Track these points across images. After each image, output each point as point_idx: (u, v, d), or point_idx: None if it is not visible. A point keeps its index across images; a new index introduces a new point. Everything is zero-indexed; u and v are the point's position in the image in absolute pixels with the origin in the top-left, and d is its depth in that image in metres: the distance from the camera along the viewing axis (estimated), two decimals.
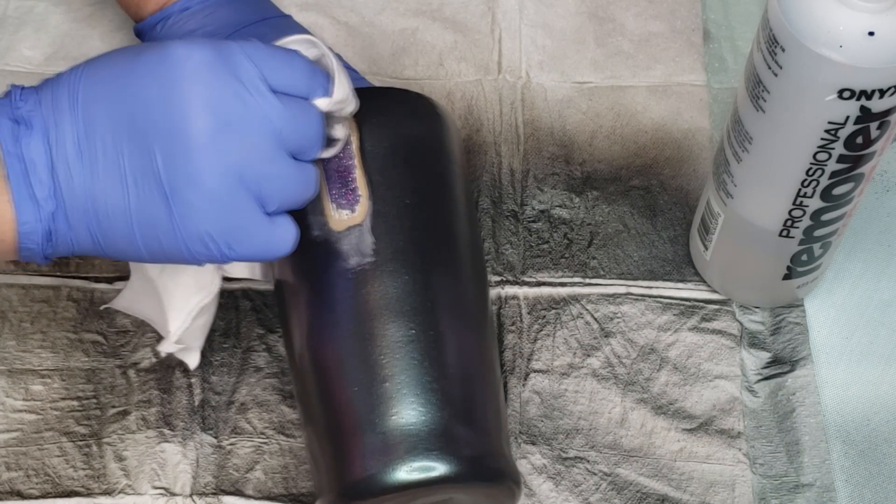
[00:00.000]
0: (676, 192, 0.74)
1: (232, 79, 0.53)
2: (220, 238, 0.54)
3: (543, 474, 0.65)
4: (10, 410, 0.66)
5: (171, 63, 0.52)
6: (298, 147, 0.55)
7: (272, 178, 0.54)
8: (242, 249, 0.54)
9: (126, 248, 0.54)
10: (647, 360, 0.68)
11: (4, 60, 0.79)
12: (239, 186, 0.53)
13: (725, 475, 0.65)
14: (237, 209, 0.53)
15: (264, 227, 0.55)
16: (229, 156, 0.52)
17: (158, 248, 0.54)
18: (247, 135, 0.53)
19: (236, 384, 0.67)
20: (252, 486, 0.64)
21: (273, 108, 0.53)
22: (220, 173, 0.52)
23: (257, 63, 0.53)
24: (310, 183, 0.56)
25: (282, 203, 0.55)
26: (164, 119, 0.52)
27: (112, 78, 0.53)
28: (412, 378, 0.57)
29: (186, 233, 0.53)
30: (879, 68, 0.55)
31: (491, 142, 0.76)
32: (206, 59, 0.52)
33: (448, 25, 0.81)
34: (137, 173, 0.52)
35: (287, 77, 0.54)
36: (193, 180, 0.52)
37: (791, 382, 0.68)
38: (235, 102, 0.52)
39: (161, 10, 0.70)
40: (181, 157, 0.52)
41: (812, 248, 0.65)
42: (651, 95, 0.78)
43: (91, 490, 0.64)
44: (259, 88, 0.53)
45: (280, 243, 0.56)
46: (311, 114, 0.55)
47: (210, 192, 0.52)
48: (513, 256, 0.72)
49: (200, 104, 0.52)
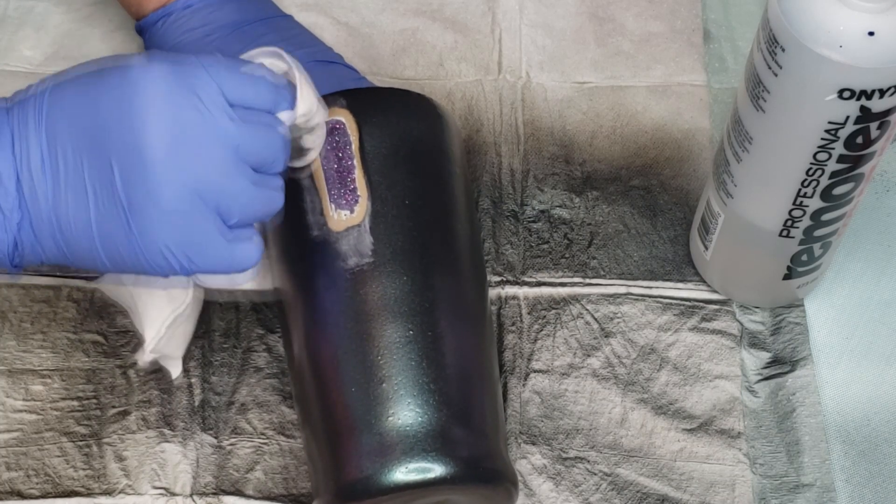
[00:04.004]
0: (676, 192, 0.74)
1: (190, 94, 0.52)
2: (179, 251, 0.54)
3: (543, 474, 0.65)
4: (11, 410, 0.66)
5: (130, 79, 0.52)
6: (259, 161, 0.55)
7: (232, 192, 0.54)
8: (203, 263, 0.54)
9: (90, 258, 0.54)
10: (648, 360, 0.68)
11: (4, 60, 0.79)
12: (197, 201, 0.53)
13: (725, 475, 0.65)
14: (195, 223, 0.53)
15: (225, 240, 0.54)
16: (186, 171, 0.52)
17: (120, 260, 0.54)
18: (204, 150, 0.53)
19: (236, 384, 0.67)
20: (252, 486, 0.64)
21: (231, 124, 0.53)
22: (177, 188, 0.52)
23: (217, 78, 0.53)
24: (274, 197, 0.56)
25: (244, 216, 0.55)
26: (122, 134, 0.52)
27: (76, 92, 0.53)
28: (410, 379, 0.57)
29: (145, 246, 0.53)
30: (879, 68, 0.55)
31: (491, 142, 0.76)
32: (164, 76, 0.52)
33: (448, 25, 0.81)
34: (97, 186, 0.53)
35: (248, 91, 0.54)
36: (150, 195, 0.52)
37: (791, 382, 0.68)
38: (193, 118, 0.52)
39: (163, 8, 0.70)
40: (138, 171, 0.52)
41: (812, 248, 0.65)
42: (651, 95, 0.78)
43: (91, 490, 0.64)
44: (217, 104, 0.53)
45: (243, 257, 0.55)
46: (272, 128, 0.55)
47: (167, 206, 0.53)
48: (513, 256, 0.72)
49: (157, 119, 0.52)
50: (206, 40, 0.69)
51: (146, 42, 0.72)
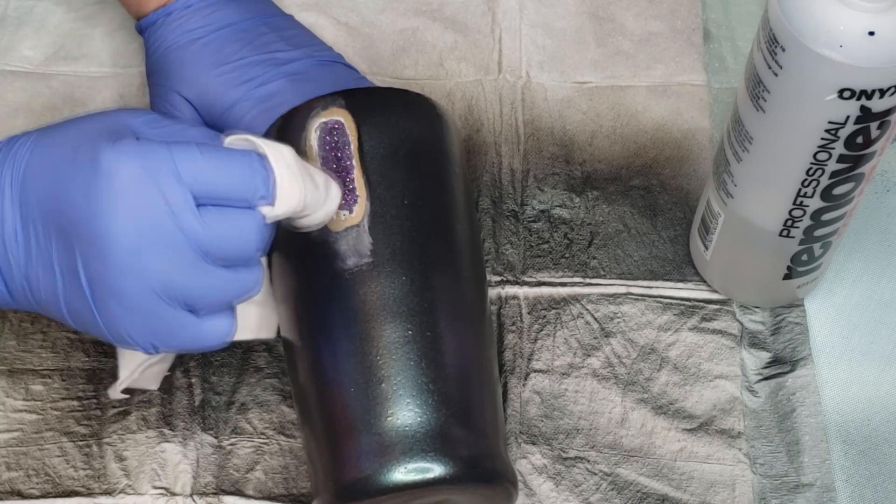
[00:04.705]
0: (677, 192, 0.74)
1: (157, 196, 0.52)
2: (144, 340, 0.54)
3: (544, 474, 0.65)
4: (11, 410, 0.66)
5: (98, 173, 0.52)
6: (230, 257, 0.54)
7: (199, 287, 0.53)
8: (168, 346, 0.55)
9: (59, 317, 0.55)
10: (648, 359, 0.68)
11: (4, 60, 0.79)
12: (159, 299, 0.53)
13: (725, 475, 0.65)
14: (159, 318, 0.53)
15: (191, 327, 0.54)
16: (149, 273, 0.52)
17: (87, 330, 0.55)
18: (168, 253, 0.52)
19: (236, 384, 0.67)
20: (252, 486, 0.64)
21: (198, 227, 0.52)
22: (139, 287, 0.52)
23: (188, 175, 0.52)
24: (248, 284, 0.55)
25: (213, 305, 0.55)
26: (86, 228, 0.52)
27: (49, 168, 0.53)
28: (409, 379, 0.57)
29: (109, 330, 0.54)
30: (879, 68, 0.55)
31: (491, 142, 0.76)
32: (133, 174, 0.52)
33: (448, 25, 0.81)
34: (64, 268, 0.53)
35: (221, 187, 0.53)
36: (111, 290, 0.52)
37: (791, 382, 0.68)
38: (157, 219, 0.52)
39: (163, 7, 0.70)
40: (101, 267, 0.52)
41: (812, 247, 0.65)
42: (651, 95, 0.78)
43: (91, 490, 0.64)
44: (184, 206, 0.52)
45: (211, 338, 0.55)
46: (244, 229, 0.54)
47: (129, 303, 0.53)
48: (513, 256, 0.72)
49: (121, 221, 0.51)
50: (206, 40, 0.69)
51: (146, 41, 0.72)
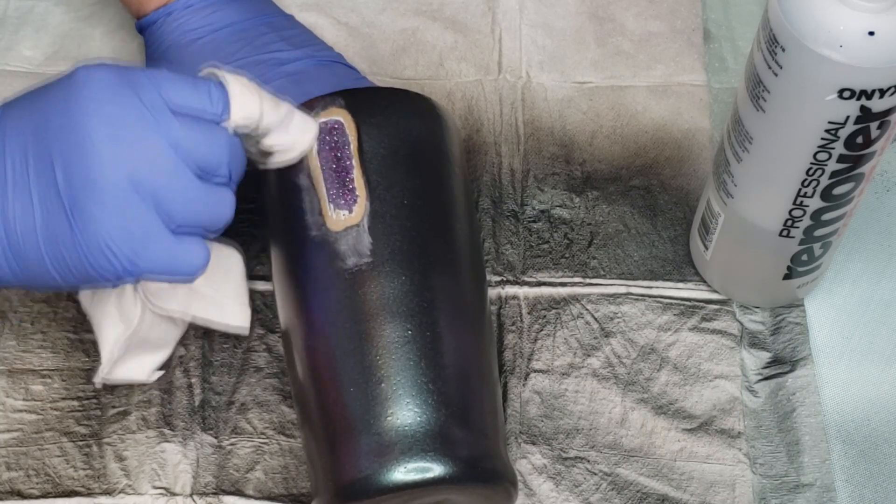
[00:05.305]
0: (677, 192, 0.74)
1: (132, 96, 0.54)
2: (120, 249, 0.54)
3: (544, 474, 0.65)
4: (11, 410, 0.66)
5: (74, 81, 0.54)
6: (202, 164, 0.55)
7: (172, 189, 0.54)
8: (145, 263, 0.55)
9: (38, 270, 0.55)
10: (648, 360, 0.68)
11: (4, 60, 0.79)
12: (135, 196, 0.54)
13: (725, 475, 0.65)
14: (136, 218, 0.54)
15: (167, 242, 0.55)
16: (126, 166, 0.53)
17: (65, 267, 0.54)
18: (143, 146, 0.54)
19: (236, 384, 0.67)
20: (252, 486, 0.64)
21: (170, 124, 0.54)
22: (117, 182, 0.53)
23: (159, 86, 0.55)
24: (222, 205, 0.57)
25: (186, 218, 0.55)
26: (65, 131, 0.53)
27: (26, 101, 0.55)
28: (409, 379, 0.57)
29: (87, 245, 0.54)
30: (879, 68, 0.55)
31: (491, 142, 0.76)
32: (107, 78, 0.54)
33: (448, 25, 0.81)
34: (41, 188, 0.53)
35: (191, 98, 0.55)
36: (90, 189, 0.53)
37: (791, 382, 0.68)
38: (133, 116, 0.54)
39: (164, 7, 0.70)
40: (79, 168, 0.53)
41: (812, 247, 0.65)
42: (651, 95, 0.78)
43: (91, 490, 0.64)
44: (158, 106, 0.54)
45: (185, 262, 0.56)
46: (213, 134, 0.56)
47: (107, 200, 0.53)
48: (513, 256, 0.72)
49: (98, 116, 0.53)
50: (206, 40, 0.69)
51: (146, 41, 0.72)
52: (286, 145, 0.60)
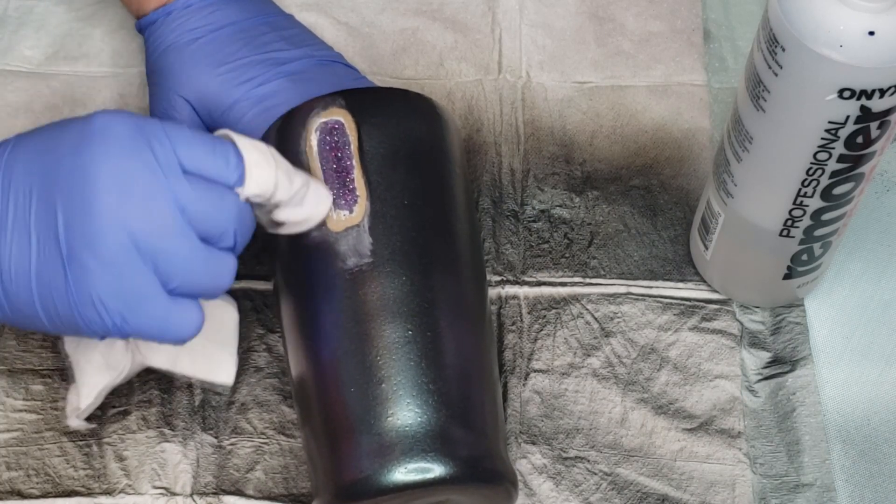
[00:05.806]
0: (677, 192, 0.74)
1: (146, 151, 0.53)
2: (112, 306, 0.53)
3: (544, 474, 0.65)
4: (11, 410, 0.66)
5: (90, 128, 0.53)
6: (207, 230, 0.54)
7: (172, 253, 0.53)
8: (135, 323, 0.54)
9: (27, 311, 0.54)
10: (648, 359, 0.68)
11: (4, 60, 0.79)
12: (135, 255, 0.52)
13: (725, 475, 0.65)
14: (132, 276, 0.53)
15: (161, 304, 0.54)
16: (128, 224, 0.52)
17: (55, 314, 0.53)
18: (149, 205, 0.52)
19: (236, 384, 0.67)
20: (252, 485, 0.64)
21: (180, 186, 0.53)
22: (117, 239, 0.52)
23: (176, 143, 0.53)
24: (223, 271, 0.55)
25: (184, 284, 0.54)
26: (71, 176, 0.52)
27: (40, 139, 0.54)
28: (409, 379, 0.57)
29: (79, 297, 0.53)
30: (879, 68, 0.55)
31: (491, 142, 0.76)
32: (124, 130, 0.53)
33: (448, 25, 0.81)
34: (41, 231, 0.53)
35: (204, 162, 0.54)
36: (89, 243, 0.52)
37: (791, 382, 0.68)
38: (143, 173, 0.52)
39: (163, 7, 0.70)
40: (80, 217, 0.52)
41: (812, 247, 0.65)
42: (651, 95, 0.78)
43: (91, 490, 0.64)
44: (171, 165, 0.53)
45: (177, 327, 0.55)
46: (224, 200, 0.54)
47: (104, 255, 0.52)
48: (513, 256, 0.72)
49: (107, 167, 0.52)
50: (205, 39, 0.69)
51: (146, 40, 0.72)
52: (298, 219, 0.58)
